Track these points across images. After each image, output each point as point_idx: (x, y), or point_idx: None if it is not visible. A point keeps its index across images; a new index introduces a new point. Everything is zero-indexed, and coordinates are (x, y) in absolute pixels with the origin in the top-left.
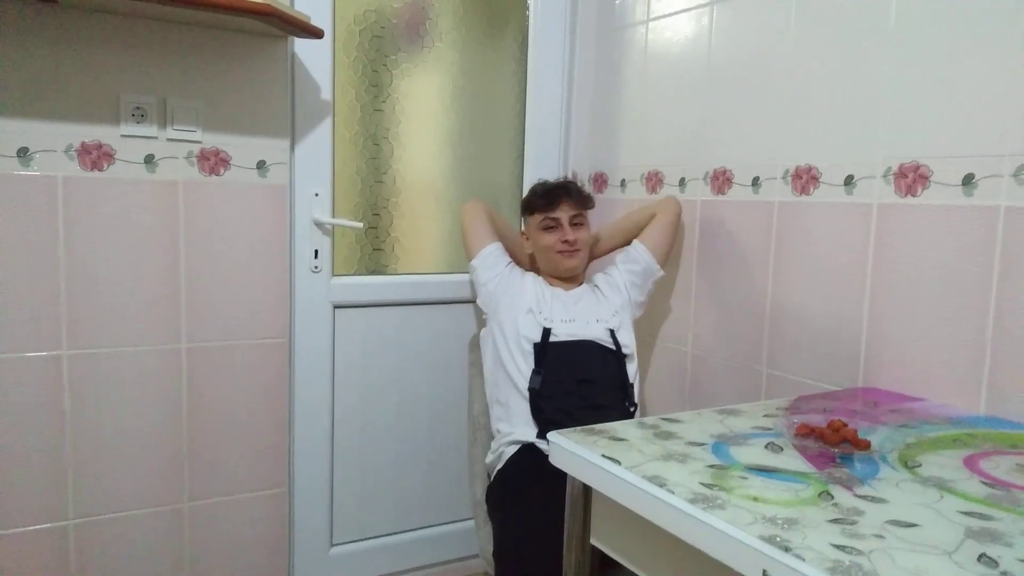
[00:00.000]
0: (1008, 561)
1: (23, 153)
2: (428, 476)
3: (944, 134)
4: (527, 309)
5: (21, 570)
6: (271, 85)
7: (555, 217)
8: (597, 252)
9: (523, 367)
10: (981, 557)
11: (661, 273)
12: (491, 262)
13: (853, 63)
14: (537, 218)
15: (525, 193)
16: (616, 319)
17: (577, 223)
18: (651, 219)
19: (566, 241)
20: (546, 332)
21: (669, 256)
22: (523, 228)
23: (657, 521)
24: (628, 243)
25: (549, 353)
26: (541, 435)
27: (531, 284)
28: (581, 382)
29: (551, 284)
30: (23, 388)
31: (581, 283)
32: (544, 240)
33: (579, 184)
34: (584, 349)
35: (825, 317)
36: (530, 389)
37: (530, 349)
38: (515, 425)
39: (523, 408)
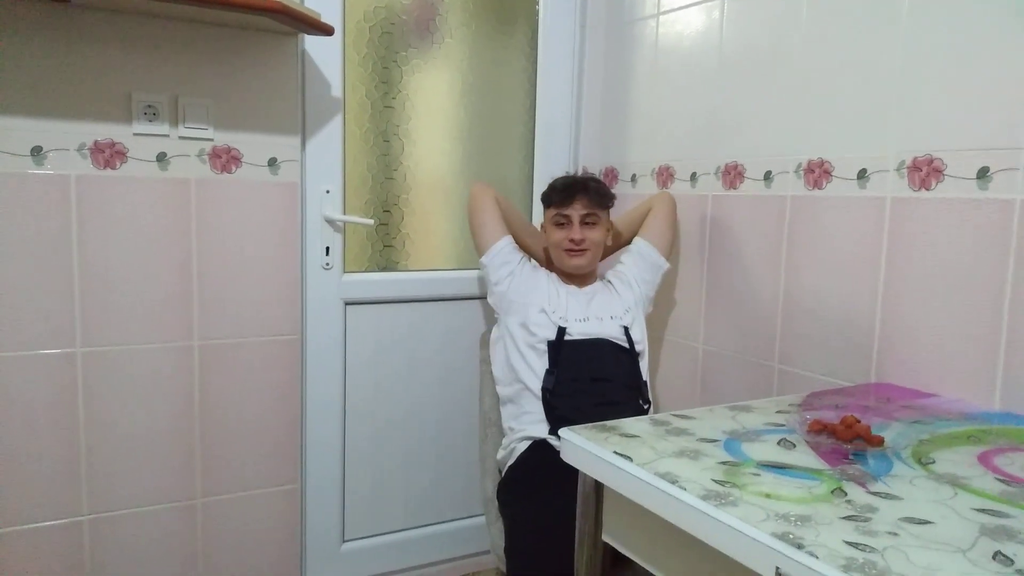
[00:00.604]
0: (1023, 559)
1: (36, 152)
2: (439, 472)
3: (958, 127)
4: (540, 308)
5: (36, 566)
6: (282, 82)
7: (567, 214)
8: (612, 249)
9: (537, 367)
10: (996, 555)
11: (667, 266)
12: (501, 260)
13: (866, 56)
14: (551, 212)
15: (535, 189)
16: (629, 316)
17: (589, 222)
18: (648, 213)
19: (572, 240)
20: (561, 331)
21: (672, 249)
22: (542, 220)
23: (669, 518)
24: (630, 241)
25: (564, 352)
26: (553, 432)
27: (544, 281)
28: (595, 380)
29: (565, 282)
30: (37, 385)
31: (595, 281)
32: (554, 236)
33: (600, 182)
34: (598, 347)
35: (838, 312)
36: (543, 389)
37: (544, 349)
38: (527, 423)
39: (536, 407)
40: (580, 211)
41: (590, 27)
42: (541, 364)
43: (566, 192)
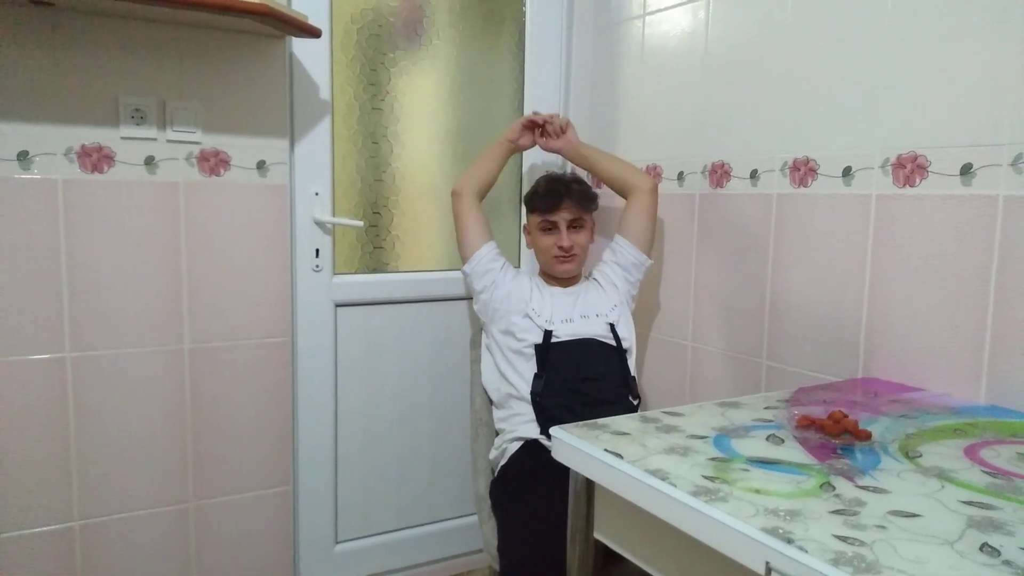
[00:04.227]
0: (1010, 550)
1: (23, 156)
2: (432, 472)
3: (942, 124)
4: (524, 313)
5: (28, 572)
6: (270, 85)
7: (553, 220)
8: (571, 154)
9: (525, 372)
10: (983, 546)
11: (650, 262)
12: (483, 269)
13: (850, 55)
14: (537, 218)
15: (524, 188)
16: (615, 312)
17: (576, 227)
18: (625, 187)
19: (561, 247)
20: (547, 334)
21: (653, 242)
22: (525, 221)
23: (660, 514)
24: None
25: (551, 355)
26: (544, 434)
27: (527, 285)
28: (585, 380)
29: (549, 284)
30: (27, 391)
31: (579, 281)
32: (542, 241)
33: (584, 183)
34: (586, 347)
35: (825, 308)
36: (533, 393)
37: (532, 353)
38: (518, 424)
39: (526, 409)
40: (567, 217)
41: (577, 27)
42: (529, 368)
43: (551, 198)
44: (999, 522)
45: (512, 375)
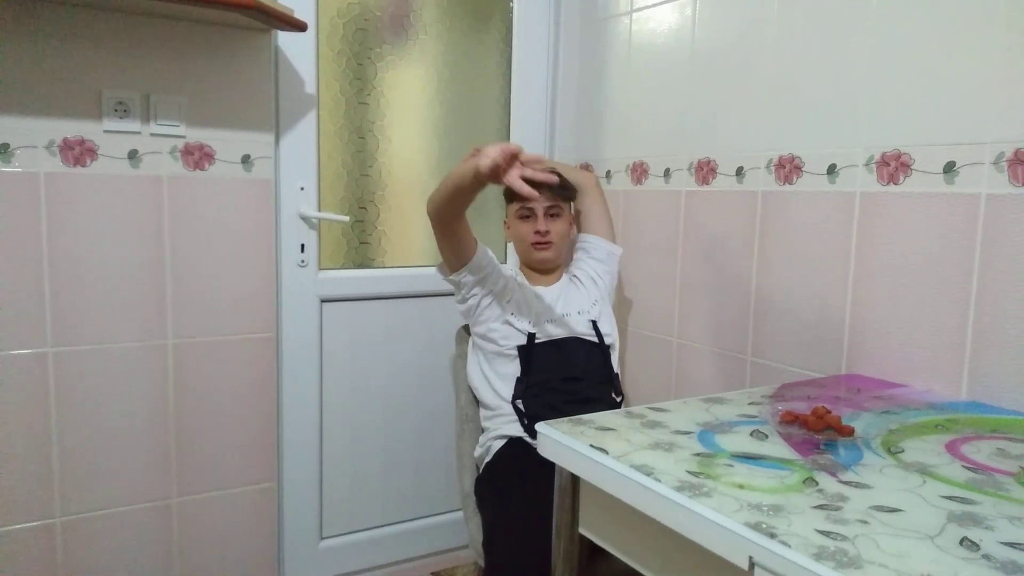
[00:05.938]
0: (989, 544)
1: (4, 149)
2: (417, 468)
3: (926, 123)
4: (505, 319)
5: (8, 569)
6: (255, 79)
7: (530, 207)
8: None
9: (509, 375)
10: (963, 540)
11: (621, 250)
12: (472, 280)
13: (835, 53)
14: (515, 206)
15: None
16: (596, 308)
17: (553, 214)
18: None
19: (538, 232)
20: (531, 336)
21: (613, 228)
22: (505, 216)
23: (644, 509)
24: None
25: (535, 356)
26: (528, 432)
27: (513, 287)
28: (568, 379)
29: (532, 282)
30: (8, 386)
31: (560, 276)
32: (520, 229)
33: (561, 175)
34: (569, 346)
35: (809, 305)
36: (514, 399)
37: (515, 355)
38: (502, 424)
39: (510, 410)
40: (544, 203)
41: (564, 23)
42: (513, 370)
43: (528, 185)
44: (979, 517)
45: (496, 381)
